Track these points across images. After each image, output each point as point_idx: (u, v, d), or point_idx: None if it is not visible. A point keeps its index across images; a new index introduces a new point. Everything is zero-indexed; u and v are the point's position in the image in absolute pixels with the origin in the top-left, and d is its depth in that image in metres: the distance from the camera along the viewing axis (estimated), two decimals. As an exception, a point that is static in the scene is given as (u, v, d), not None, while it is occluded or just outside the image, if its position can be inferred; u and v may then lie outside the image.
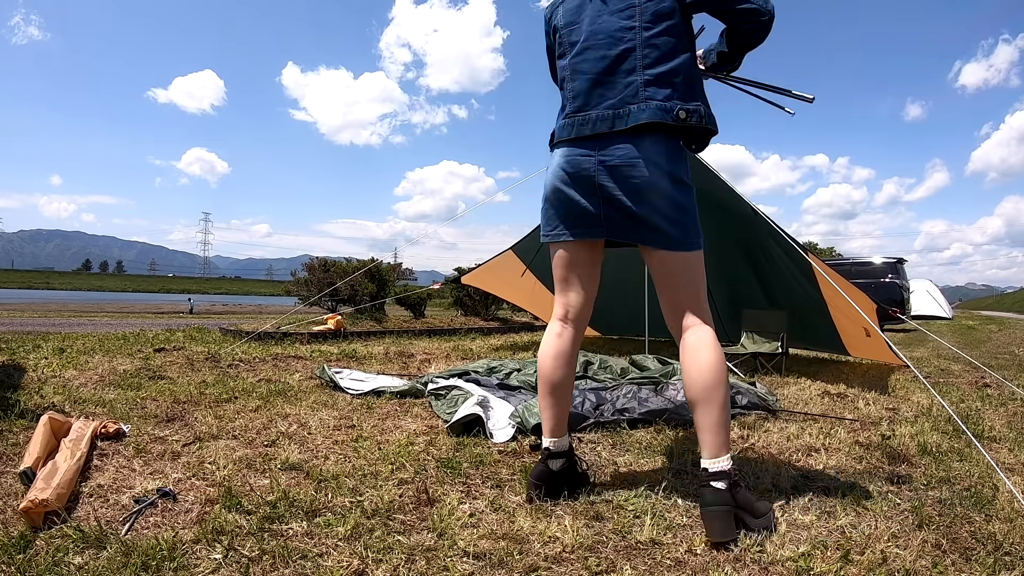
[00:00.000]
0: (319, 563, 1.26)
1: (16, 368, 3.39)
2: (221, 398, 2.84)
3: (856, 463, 2.10)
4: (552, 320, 1.77)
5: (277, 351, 4.86)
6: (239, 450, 2.00)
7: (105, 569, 1.20)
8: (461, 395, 2.73)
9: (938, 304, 16.03)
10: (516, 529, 1.45)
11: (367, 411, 2.72)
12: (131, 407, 2.56)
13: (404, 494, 1.66)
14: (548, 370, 1.71)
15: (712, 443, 1.50)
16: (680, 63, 1.57)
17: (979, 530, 1.53)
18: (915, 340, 8.84)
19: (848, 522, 1.56)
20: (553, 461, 1.67)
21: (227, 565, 1.24)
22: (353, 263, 9.65)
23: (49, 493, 1.43)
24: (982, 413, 3.11)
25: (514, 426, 2.35)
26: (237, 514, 1.46)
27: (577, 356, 1.77)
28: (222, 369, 3.82)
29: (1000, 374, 4.64)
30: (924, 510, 1.64)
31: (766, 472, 1.95)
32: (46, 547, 1.28)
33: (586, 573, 1.27)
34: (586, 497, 1.67)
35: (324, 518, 1.47)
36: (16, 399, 2.53)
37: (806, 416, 2.86)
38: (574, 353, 1.74)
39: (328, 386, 3.27)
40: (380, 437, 2.26)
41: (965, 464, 2.11)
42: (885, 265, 12.42)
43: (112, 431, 2.06)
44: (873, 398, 3.42)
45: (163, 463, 1.86)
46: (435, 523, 1.47)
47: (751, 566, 1.31)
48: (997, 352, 7.52)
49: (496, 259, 6.07)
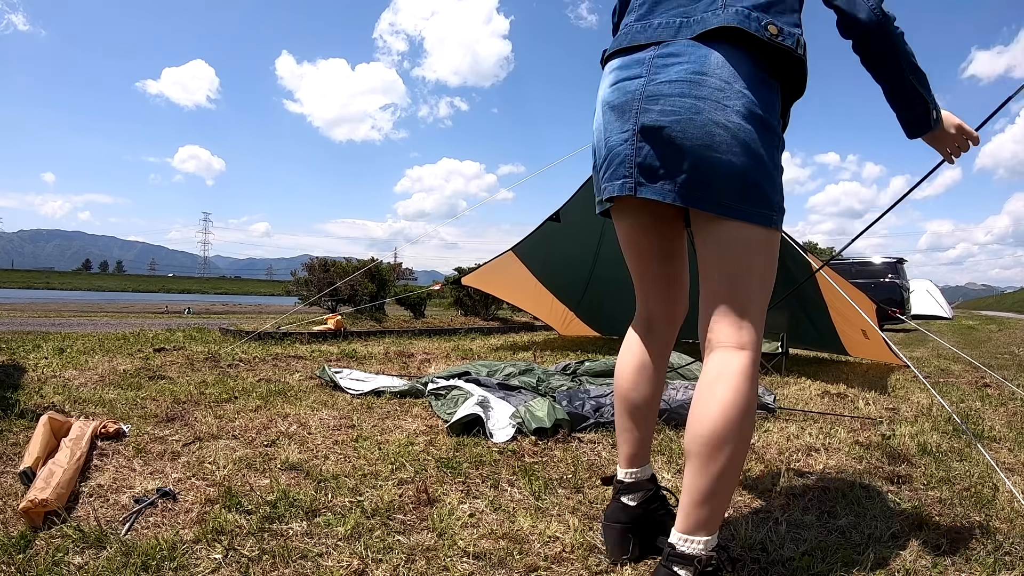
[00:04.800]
0: (319, 563, 1.26)
1: (16, 368, 3.39)
2: (221, 398, 2.84)
3: (856, 463, 2.10)
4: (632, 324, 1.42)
5: (277, 351, 4.86)
6: (239, 450, 2.00)
7: (105, 569, 1.20)
8: (461, 395, 2.73)
9: (938, 304, 16.04)
10: (516, 529, 1.45)
11: (367, 411, 2.72)
12: (131, 407, 2.56)
13: (404, 494, 1.65)
14: (626, 387, 1.36)
15: (693, 513, 1.07)
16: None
17: (979, 530, 1.53)
18: (915, 340, 8.84)
19: (848, 522, 1.56)
20: (629, 495, 1.34)
21: (227, 565, 1.24)
22: (353, 263, 9.65)
23: (49, 493, 1.43)
24: (982, 413, 3.11)
25: (514, 426, 2.35)
26: (237, 514, 1.46)
27: (664, 369, 1.38)
28: (222, 369, 3.82)
29: (1000, 374, 4.64)
30: (924, 510, 1.64)
31: (766, 472, 1.95)
32: (46, 547, 1.28)
33: (586, 573, 1.27)
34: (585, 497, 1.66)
35: (324, 518, 1.47)
36: (16, 399, 2.53)
37: (806, 416, 2.86)
38: (659, 366, 1.36)
39: (328, 386, 3.27)
40: (380, 437, 2.26)
41: (965, 464, 2.11)
42: (885, 265, 12.43)
43: (112, 431, 2.06)
44: (873, 398, 3.42)
45: (163, 463, 1.86)
46: (435, 523, 1.47)
47: (751, 566, 1.31)
48: (997, 352, 7.52)
49: (497, 260, 6.07)
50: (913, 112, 1.27)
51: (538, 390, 3.03)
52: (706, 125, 1.10)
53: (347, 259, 9.95)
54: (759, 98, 1.13)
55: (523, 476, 1.83)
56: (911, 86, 1.23)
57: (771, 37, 1.13)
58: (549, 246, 5.66)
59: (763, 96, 1.14)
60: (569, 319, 6.83)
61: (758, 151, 1.12)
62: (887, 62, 1.22)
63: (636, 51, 1.22)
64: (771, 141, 1.14)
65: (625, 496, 1.34)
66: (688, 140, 1.11)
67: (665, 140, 1.13)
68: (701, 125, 1.11)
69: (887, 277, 12.21)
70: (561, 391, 2.94)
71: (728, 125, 1.10)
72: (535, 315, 7.74)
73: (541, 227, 5.44)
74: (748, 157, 1.11)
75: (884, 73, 1.23)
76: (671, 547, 1.08)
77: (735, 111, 1.11)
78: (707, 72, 1.12)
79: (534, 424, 2.33)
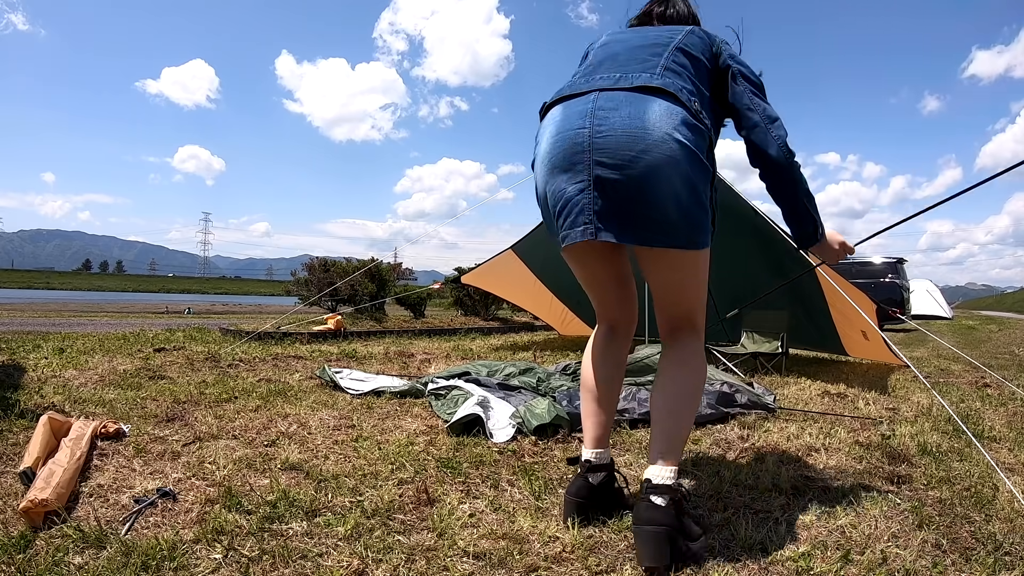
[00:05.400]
0: (319, 563, 1.26)
1: (16, 368, 3.39)
2: (221, 398, 2.84)
3: (856, 463, 2.10)
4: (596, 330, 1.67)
5: (277, 351, 4.86)
6: (239, 450, 2.00)
7: (105, 569, 1.20)
8: (461, 395, 2.73)
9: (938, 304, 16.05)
10: (516, 529, 1.45)
11: (367, 411, 2.72)
12: (131, 407, 2.56)
13: (404, 494, 1.65)
14: (588, 376, 1.62)
15: (662, 450, 1.37)
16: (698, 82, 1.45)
17: (979, 530, 1.53)
18: (915, 340, 8.84)
19: (848, 522, 1.56)
20: (594, 475, 1.51)
21: (227, 565, 1.24)
22: (353, 263, 9.65)
23: (49, 493, 1.43)
24: (982, 413, 3.11)
25: (514, 426, 2.35)
26: (237, 514, 1.46)
27: (621, 366, 1.65)
28: (222, 369, 3.82)
29: (1000, 374, 4.64)
30: (924, 510, 1.64)
31: (766, 472, 1.95)
32: (46, 547, 1.28)
33: (586, 573, 1.27)
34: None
35: (324, 518, 1.47)
36: (16, 399, 2.53)
37: (806, 416, 2.86)
38: (618, 360, 1.63)
39: (328, 386, 3.27)
40: (380, 437, 2.26)
41: (965, 464, 2.11)
42: (885, 265, 12.44)
43: (112, 431, 2.06)
44: (873, 398, 3.42)
45: (163, 463, 1.86)
46: (435, 523, 1.47)
47: (751, 566, 1.31)
48: (997, 352, 7.52)
49: (496, 259, 6.07)
50: (804, 230, 1.55)
51: (538, 390, 3.03)
52: (651, 173, 1.29)
53: (347, 259, 9.95)
54: (694, 143, 1.32)
55: (523, 476, 1.83)
56: (804, 209, 1.52)
57: (696, 110, 1.36)
58: (549, 245, 5.66)
59: (697, 141, 1.33)
60: (568, 318, 6.83)
61: (697, 190, 1.33)
62: (787, 190, 1.51)
63: (578, 97, 1.40)
64: (706, 179, 1.36)
65: (591, 475, 1.52)
66: (638, 188, 1.30)
67: (618, 190, 1.31)
68: (647, 174, 1.29)
69: (887, 277, 12.21)
70: (561, 391, 2.94)
71: (671, 172, 1.29)
72: (534, 314, 7.75)
73: (541, 226, 5.45)
74: (690, 197, 1.32)
75: (784, 198, 1.53)
76: (647, 482, 1.35)
77: (675, 158, 1.29)
78: (647, 124, 1.30)
79: (534, 423, 2.33)
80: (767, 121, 1.48)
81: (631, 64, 1.44)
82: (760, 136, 1.48)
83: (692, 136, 1.31)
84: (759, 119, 1.49)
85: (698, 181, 1.32)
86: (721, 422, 2.68)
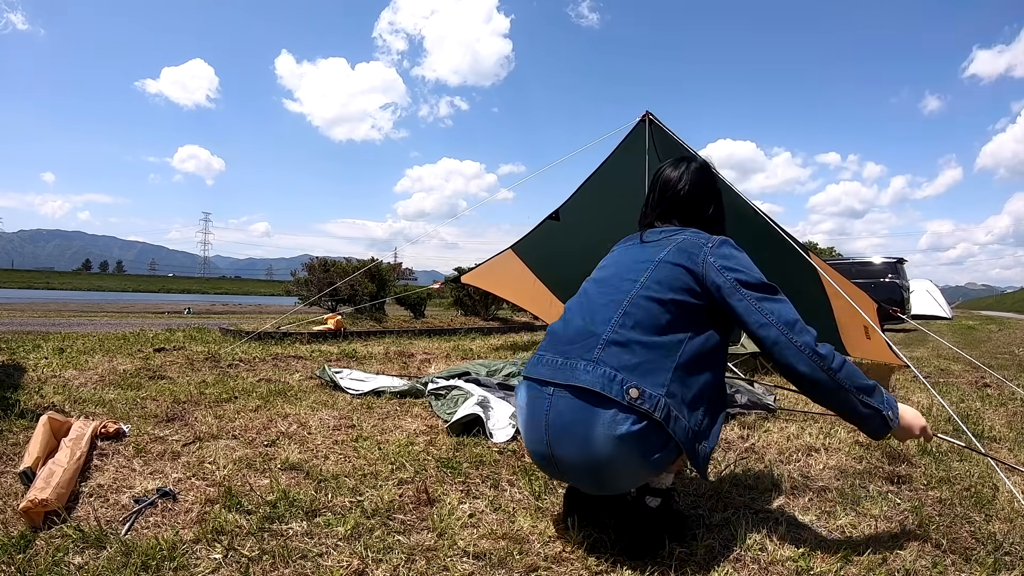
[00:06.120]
0: (319, 563, 1.26)
1: (16, 368, 3.39)
2: (221, 398, 2.84)
3: (856, 463, 2.10)
4: None
5: (277, 351, 4.86)
6: (239, 450, 2.00)
7: (105, 569, 1.20)
8: (461, 395, 2.73)
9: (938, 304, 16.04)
10: (516, 529, 1.45)
11: (367, 411, 2.72)
12: (131, 407, 2.56)
13: (404, 494, 1.65)
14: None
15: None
16: (660, 338, 1.32)
17: (979, 530, 1.53)
18: (915, 340, 8.84)
19: (848, 522, 1.56)
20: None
21: (227, 565, 1.24)
22: (353, 263, 9.65)
23: (49, 493, 1.43)
24: (982, 413, 3.11)
25: (514, 426, 2.35)
26: (237, 514, 1.46)
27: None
28: (222, 369, 3.82)
29: (1000, 374, 4.64)
30: (924, 510, 1.64)
31: (766, 472, 1.95)
32: (46, 547, 1.28)
33: (586, 573, 1.27)
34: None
35: (324, 518, 1.47)
36: (16, 399, 2.53)
37: (806, 416, 2.86)
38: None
39: (328, 386, 3.27)
40: (380, 437, 2.26)
41: (965, 464, 2.11)
42: (885, 265, 12.43)
43: (112, 431, 2.06)
44: (873, 398, 3.41)
45: (163, 463, 1.86)
46: (435, 523, 1.47)
47: (751, 566, 1.31)
48: (997, 352, 7.52)
49: (496, 258, 6.07)
50: (870, 424, 1.36)
51: (538, 390, 3.03)
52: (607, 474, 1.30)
53: (347, 259, 9.95)
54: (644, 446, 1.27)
55: (523, 476, 1.83)
56: (862, 408, 1.34)
57: (631, 401, 1.26)
58: (548, 244, 5.67)
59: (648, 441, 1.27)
60: (569, 319, 6.80)
61: (651, 468, 1.30)
62: (837, 400, 1.34)
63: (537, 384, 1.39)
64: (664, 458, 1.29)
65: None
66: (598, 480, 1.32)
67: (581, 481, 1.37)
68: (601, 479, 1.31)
69: (887, 277, 12.21)
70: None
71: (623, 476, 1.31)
72: (534, 313, 7.74)
73: (541, 225, 5.45)
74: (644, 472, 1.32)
75: (836, 407, 1.36)
76: (644, 484, 1.40)
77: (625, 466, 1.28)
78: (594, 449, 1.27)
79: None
80: (786, 331, 1.33)
81: (577, 343, 1.38)
82: (784, 353, 1.33)
83: (640, 446, 1.27)
84: (777, 333, 1.33)
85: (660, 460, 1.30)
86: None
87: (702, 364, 1.35)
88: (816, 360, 1.31)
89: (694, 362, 1.33)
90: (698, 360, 1.34)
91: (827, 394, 1.34)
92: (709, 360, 1.36)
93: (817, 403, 1.38)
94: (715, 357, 1.38)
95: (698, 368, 1.34)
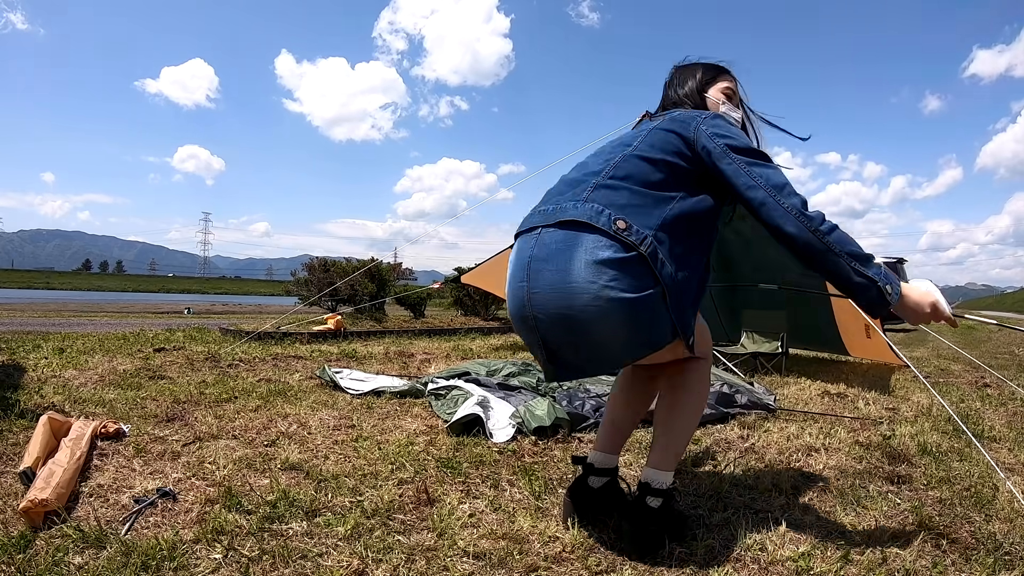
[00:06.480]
0: (319, 563, 1.26)
1: (16, 368, 3.39)
2: (221, 398, 2.84)
3: (856, 463, 2.10)
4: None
5: (277, 351, 4.86)
6: (239, 450, 2.00)
7: (105, 569, 1.20)
8: (461, 395, 2.73)
9: (938, 304, 16.02)
10: (516, 529, 1.45)
11: (367, 411, 2.72)
12: (131, 407, 2.56)
13: (404, 494, 1.66)
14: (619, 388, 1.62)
15: (660, 457, 1.41)
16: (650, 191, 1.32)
17: (979, 530, 1.53)
18: (915, 340, 8.84)
19: (848, 522, 1.56)
20: (596, 478, 1.53)
21: (227, 565, 1.24)
22: (353, 263, 9.65)
23: (49, 493, 1.43)
24: (982, 413, 3.11)
25: (514, 426, 2.35)
26: (237, 514, 1.46)
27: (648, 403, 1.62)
28: (222, 369, 3.82)
29: (1000, 374, 4.64)
30: (924, 510, 1.64)
31: (766, 472, 1.95)
32: (46, 547, 1.28)
33: (586, 573, 1.27)
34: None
35: (324, 518, 1.47)
36: (16, 399, 2.53)
37: (806, 416, 2.86)
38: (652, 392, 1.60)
39: (328, 386, 3.27)
40: (380, 437, 2.26)
41: (965, 464, 2.11)
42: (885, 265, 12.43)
43: (112, 431, 2.06)
44: (873, 398, 3.42)
45: (163, 463, 1.86)
46: (435, 523, 1.47)
47: (751, 566, 1.31)
48: (997, 352, 7.52)
49: (496, 258, 6.07)
50: (865, 296, 1.31)
51: (538, 390, 3.03)
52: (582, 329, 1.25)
53: (347, 259, 9.95)
54: (625, 283, 1.22)
55: (523, 476, 1.83)
56: (855, 276, 1.29)
57: (617, 231, 1.24)
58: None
59: (629, 279, 1.22)
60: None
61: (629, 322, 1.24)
62: (826, 263, 1.30)
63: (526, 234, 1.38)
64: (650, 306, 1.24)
65: (592, 478, 1.53)
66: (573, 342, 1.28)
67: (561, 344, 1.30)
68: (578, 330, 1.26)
69: (887, 277, 12.20)
70: (561, 391, 2.94)
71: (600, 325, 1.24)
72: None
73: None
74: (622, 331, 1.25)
75: (826, 273, 1.32)
76: (646, 485, 1.39)
77: (604, 310, 1.22)
78: (572, 281, 1.24)
79: (534, 424, 2.33)
80: (774, 192, 1.31)
81: (568, 191, 1.37)
82: (771, 213, 1.30)
83: (620, 278, 1.22)
84: (764, 195, 1.31)
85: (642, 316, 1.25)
86: (721, 422, 2.68)
87: (693, 226, 1.34)
88: (803, 220, 1.28)
89: (685, 220, 1.32)
90: (689, 220, 1.33)
91: (816, 257, 1.30)
92: (700, 224, 1.35)
93: (810, 268, 1.35)
94: (706, 224, 1.37)
95: (688, 229, 1.32)
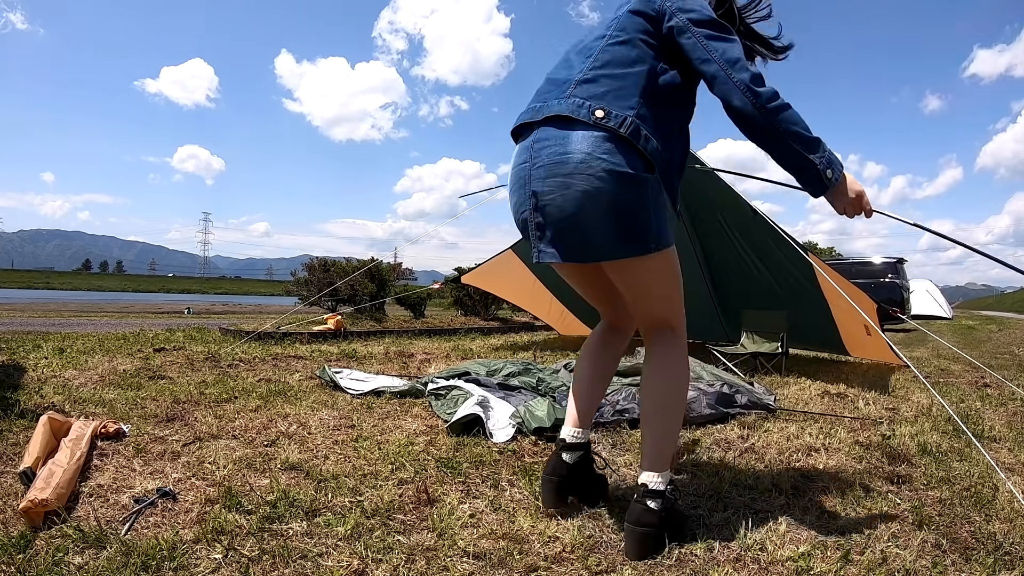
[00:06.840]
0: (319, 563, 1.26)
1: (16, 368, 3.39)
2: (221, 398, 2.84)
3: (856, 463, 2.10)
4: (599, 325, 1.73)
5: (277, 351, 4.86)
6: (239, 450, 2.00)
7: (105, 569, 1.20)
8: (461, 395, 2.73)
9: (938, 304, 16.04)
10: (516, 529, 1.45)
11: (367, 411, 2.72)
12: (131, 407, 2.56)
13: (404, 494, 1.66)
14: (583, 361, 1.67)
15: (653, 455, 1.43)
16: (628, 70, 1.38)
17: (979, 530, 1.53)
18: (915, 340, 8.84)
19: (848, 522, 1.56)
20: (569, 453, 1.57)
21: (227, 565, 1.24)
22: (353, 263, 9.65)
23: (49, 493, 1.43)
24: (982, 413, 3.11)
25: (514, 426, 2.35)
26: (237, 514, 1.46)
27: (615, 358, 1.70)
28: (222, 369, 3.82)
29: (1000, 374, 4.64)
30: (924, 510, 1.64)
31: (766, 472, 1.95)
32: (46, 547, 1.28)
33: (586, 573, 1.27)
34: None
35: (324, 518, 1.47)
36: (16, 399, 2.53)
37: (806, 416, 2.86)
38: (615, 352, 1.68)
39: (328, 386, 3.27)
40: (380, 437, 2.26)
41: (965, 464, 2.11)
42: (885, 265, 12.43)
43: (112, 431, 2.06)
44: (873, 398, 3.42)
45: (163, 463, 1.86)
46: (435, 523, 1.47)
47: (751, 566, 1.31)
48: (997, 352, 7.52)
49: (496, 258, 6.07)
50: (807, 176, 1.37)
51: (538, 390, 3.03)
52: (575, 196, 1.32)
53: (347, 259, 9.95)
54: (616, 158, 1.30)
55: (523, 476, 1.83)
56: (797, 154, 1.34)
57: (596, 120, 1.32)
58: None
59: (620, 156, 1.31)
60: (568, 318, 6.82)
61: (625, 203, 1.31)
62: (769, 140, 1.35)
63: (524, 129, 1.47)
64: (638, 188, 1.32)
65: (566, 453, 1.57)
66: (565, 210, 1.34)
67: (550, 214, 1.36)
68: (571, 197, 1.32)
69: (887, 277, 12.21)
70: (561, 391, 2.94)
71: (592, 191, 1.30)
72: (534, 313, 7.75)
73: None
74: (616, 212, 1.31)
75: (770, 149, 1.37)
76: (643, 487, 1.41)
77: (596, 177, 1.30)
78: (569, 151, 1.33)
79: (534, 424, 2.33)
80: (726, 66, 1.32)
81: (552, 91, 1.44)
82: (721, 88, 1.33)
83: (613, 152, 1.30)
84: (716, 68, 1.33)
85: (629, 196, 1.31)
86: (721, 422, 2.68)
87: (671, 97, 1.41)
88: (749, 95, 1.30)
89: (663, 92, 1.39)
90: (667, 92, 1.40)
91: (759, 132, 1.34)
92: (678, 95, 1.43)
93: (758, 146, 1.38)
94: (685, 94, 1.44)
95: (667, 100, 1.40)
